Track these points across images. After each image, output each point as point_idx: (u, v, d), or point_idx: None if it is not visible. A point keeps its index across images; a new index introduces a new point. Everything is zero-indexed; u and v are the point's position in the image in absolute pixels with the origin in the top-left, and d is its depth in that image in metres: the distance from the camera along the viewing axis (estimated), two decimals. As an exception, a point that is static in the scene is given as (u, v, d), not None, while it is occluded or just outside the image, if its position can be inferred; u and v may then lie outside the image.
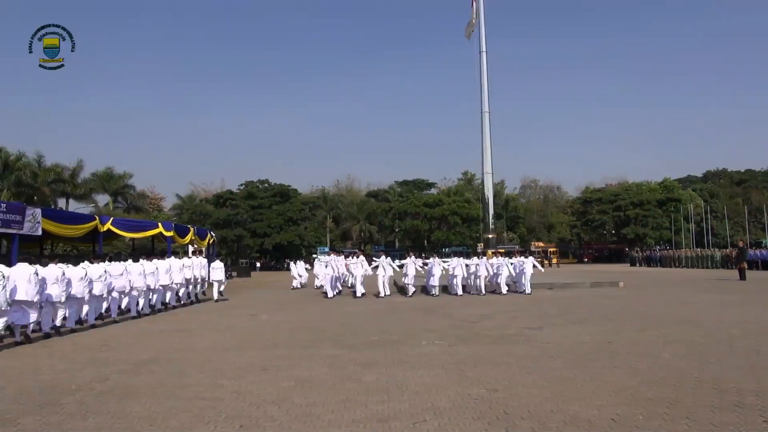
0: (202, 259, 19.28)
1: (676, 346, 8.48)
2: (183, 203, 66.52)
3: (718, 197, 73.75)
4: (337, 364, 7.60)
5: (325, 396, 5.94)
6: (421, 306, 15.63)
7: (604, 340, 9.20)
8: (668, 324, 11.03)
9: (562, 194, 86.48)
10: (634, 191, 69.90)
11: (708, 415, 5.02)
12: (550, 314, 13.05)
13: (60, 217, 16.33)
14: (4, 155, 41.57)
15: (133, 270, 13.95)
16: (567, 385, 6.18)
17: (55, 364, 8.04)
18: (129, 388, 6.40)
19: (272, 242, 58.30)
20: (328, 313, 14.30)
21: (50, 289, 10.70)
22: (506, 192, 76.51)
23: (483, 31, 26.20)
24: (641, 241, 65.32)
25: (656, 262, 51.82)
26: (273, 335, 10.52)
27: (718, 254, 44.32)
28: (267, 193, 63.59)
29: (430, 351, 8.54)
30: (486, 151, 25.74)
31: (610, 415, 5.07)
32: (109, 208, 51.03)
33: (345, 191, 78.91)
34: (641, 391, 5.88)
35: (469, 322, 11.96)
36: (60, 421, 5.20)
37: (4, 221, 12.84)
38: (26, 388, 6.53)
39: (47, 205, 36.83)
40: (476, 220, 57.95)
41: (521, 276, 19.27)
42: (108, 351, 9.08)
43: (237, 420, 5.15)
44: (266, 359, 8.05)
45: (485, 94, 25.82)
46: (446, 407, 5.43)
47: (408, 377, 6.74)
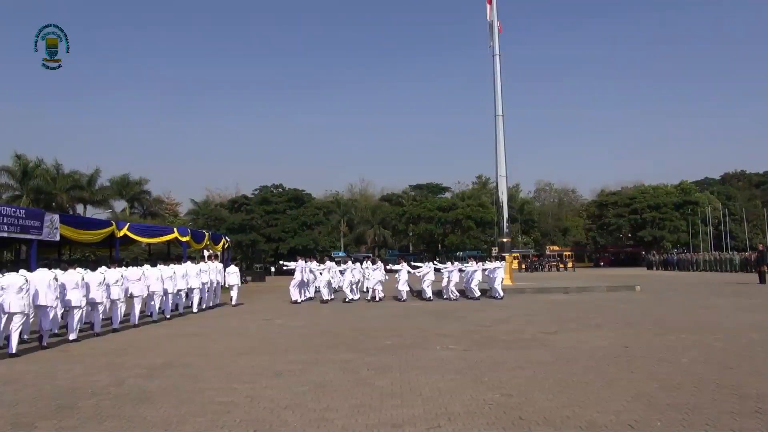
0: (217, 263, 19.40)
1: (694, 351, 8.36)
2: (198, 208, 67.08)
3: (737, 200, 72.70)
4: (350, 369, 7.59)
5: (339, 401, 5.93)
6: (434, 310, 15.58)
7: (621, 344, 9.09)
8: (686, 328, 10.87)
9: (577, 197, 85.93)
10: (651, 194, 69.17)
11: (728, 421, 4.93)
12: (566, 318, 12.93)
13: (77, 222, 16.57)
14: (23, 162, 42.26)
15: (150, 275, 14.09)
16: (583, 391, 6.11)
17: (72, 368, 8.12)
18: (144, 393, 6.45)
19: (287, 247, 58.51)
20: (341, 318, 14.30)
21: (70, 295, 10.85)
22: (521, 195, 76.21)
23: (497, 34, 26.13)
24: (658, 245, 64.60)
25: (673, 265, 51.15)
26: (287, 340, 10.55)
27: (737, 257, 43.66)
28: (281, 197, 63.91)
29: (444, 355, 8.50)
30: (500, 155, 25.61)
31: (627, 421, 5.00)
32: (125, 214, 51.60)
33: (359, 195, 79.06)
34: (659, 396, 5.80)
35: (484, 326, 11.89)
36: (76, 425, 5.24)
37: (23, 227, 13.06)
38: (43, 392, 6.60)
39: (65, 212, 37.31)
40: (491, 224, 57.77)
41: (493, 281, 19.34)
42: (124, 355, 9.16)
43: (251, 424, 5.16)
44: (280, 364, 8.07)
45: (499, 97, 25.72)
46: (460, 412, 5.39)
47: (422, 382, 6.71)
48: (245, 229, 60.79)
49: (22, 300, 9.40)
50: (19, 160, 42.03)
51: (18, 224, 12.89)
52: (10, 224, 12.70)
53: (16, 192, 41.95)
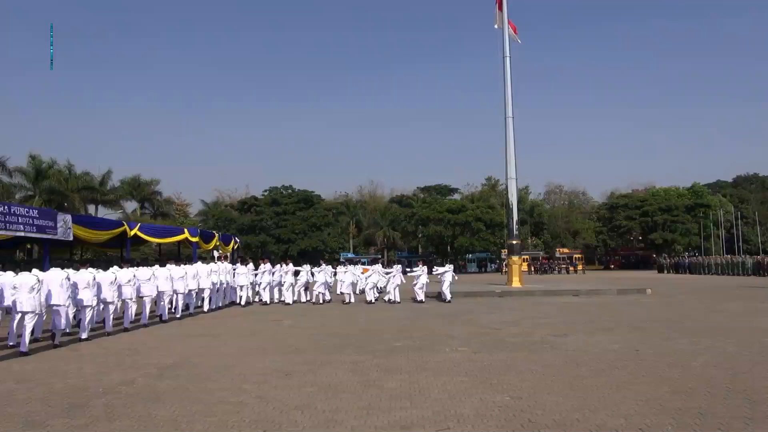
0: (227, 264, 19.48)
1: (706, 355, 8.28)
2: (208, 209, 67.52)
3: (749, 203, 71.98)
4: (360, 370, 7.59)
5: (348, 402, 5.94)
6: (444, 313, 15.55)
7: (632, 348, 9.03)
8: (698, 332, 10.77)
9: (588, 200, 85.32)
10: (662, 197, 68.58)
11: (740, 426, 4.89)
12: (576, 321, 12.86)
13: (89, 223, 16.73)
14: (37, 162, 42.69)
15: (161, 275, 14.17)
16: (593, 394, 6.08)
17: (83, 367, 8.19)
18: (155, 392, 6.49)
19: (297, 248, 58.68)
20: (351, 319, 14.31)
21: (82, 294, 10.94)
22: (531, 198, 75.85)
23: (507, 36, 26.05)
24: (669, 248, 64.06)
25: (685, 269, 50.71)
26: (296, 341, 10.57)
27: (749, 261, 43.25)
28: (291, 199, 64.13)
29: (453, 358, 8.48)
30: (510, 157, 25.52)
31: (638, 425, 4.97)
32: (136, 214, 52.04)
33: (368, 197, 79.12)
34: (670, 400, 5.75)
35: (493, 328, 11.85)
36: (87, 424, 5.29)
37: (39, 227, 13.22)
38: (55, 391, 6.66)
39: (77, 212, 37.65)
40: (500, 226, 57.51)
41: (441, 285, 19.62)
42: (135, 355, 9.22)
43: (260, 425, 5.18)
44: (290, 365, 8.08)
45: (509, 98, 25.64)
46: (470, 414, 5.38)
47: (431, 384, 6.70)
48: (255, 230, 61.07)
49: (33, 299, 9.49)
50: (33, 160, 42.46)
51: (34, 224, 13.05)
52: (26, 224, 12.86)
53: (29, 192, 42.37)
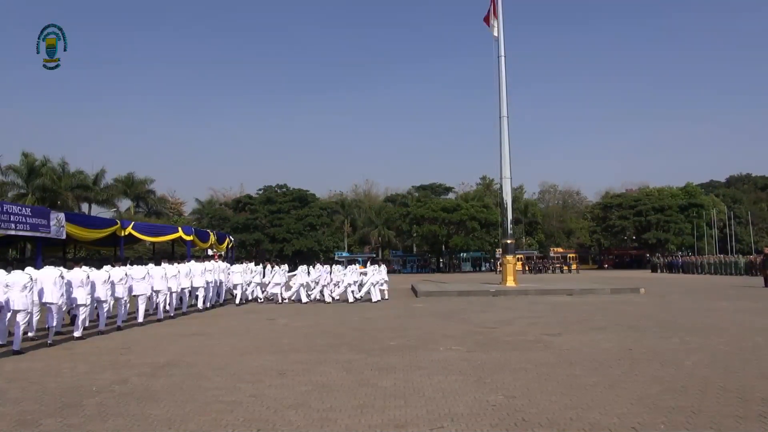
0: (221, 263, 19.44)
1: (699, 354, 8.33)
2: (203, 208, 67.33)
3: (742, 203, 72.43)
4: (354, 369, 7.60)
5: (343, 401, 5.94)
6: (439, 311, 15.57)
7: (625, 347, 9.07)
8: (691, 331, 10.83)
9: (582, 199, 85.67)
10: (656, 196, 68.92)
11: (732, 425, 4.92)
12: (570, 321, 12.91)
13: (83, 221, 16.66)
14: (30, 160, 42.45)
15: (155, 273, 14.11)
16: (587, 393, 6.10)
17: (76, 366, 8.16)
18: (148, 391, 6.47)
19: (292, 248, 58.60)
20: (345, 318, 14.30)
21: (75, 293, 10.90)
22: (525, 197, 76.03)
23: (502, 35, 26.08)
24: (663, 247, 64.36)
25: (678, 268, 50.94)
26: (291, 340, 10.56)
27: (742, 261, 43.46)
28: (286, 198, 64.05)
29: (447, 356, 8.49)
30: (504, 156, 25.54)
31: (630, 423, 4.99)
32: (130, 213, 51.82)
33: (363, 196, 79.08)
34: (663, 399, 5.79)
35: (487, 328, 11.88)
36: (80, 423, 5.27)
37: (32, 225, 13.15)
38: (48, 390, 6.63)
39: (70, 210, 37.46)
40: (495, 225, 57.59)
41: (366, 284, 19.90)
42: (128, 354, 9.19)
43: (255, 424, 5.17)
44: (284, 363, 8.08)
45: (503, 98, 25.66)
46: (464, 413, 5.40)
47: (425, 383, 6.71)
48: (249, 228, 60.93)
49: (26, 298, 9.46)
50: (26, 158, 42.22)
51: (27, 222, 12.98)
52: (18, 222, 12.79)
53: (21, 190, 42.15)
